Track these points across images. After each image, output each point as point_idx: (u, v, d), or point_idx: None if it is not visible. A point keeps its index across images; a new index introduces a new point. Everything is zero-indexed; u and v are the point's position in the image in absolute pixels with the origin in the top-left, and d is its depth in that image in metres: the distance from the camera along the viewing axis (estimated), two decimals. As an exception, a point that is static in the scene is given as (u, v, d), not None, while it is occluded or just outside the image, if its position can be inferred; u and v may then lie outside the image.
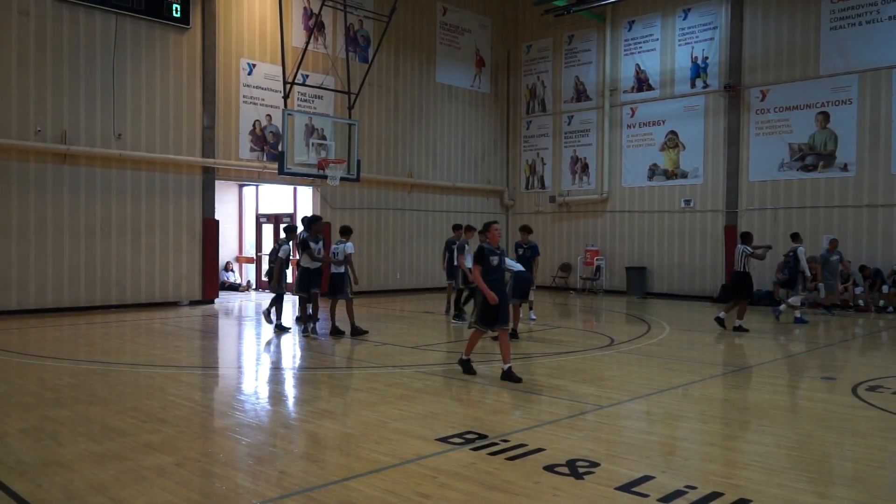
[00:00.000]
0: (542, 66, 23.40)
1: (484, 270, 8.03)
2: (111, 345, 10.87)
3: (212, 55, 16.75)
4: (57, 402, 6.94)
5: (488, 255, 8.07)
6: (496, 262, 8.11)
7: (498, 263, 8.14)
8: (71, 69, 14.69)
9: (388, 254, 20.71)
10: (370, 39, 20.07)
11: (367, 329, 11.95)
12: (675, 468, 5.09)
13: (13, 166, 14.04)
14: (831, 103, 17.39)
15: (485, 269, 8.04)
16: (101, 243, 15.20)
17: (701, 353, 10.94)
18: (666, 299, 19.50)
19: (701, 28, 19.73)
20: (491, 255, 8.08)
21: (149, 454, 5.25)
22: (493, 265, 8.08)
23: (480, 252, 8.09)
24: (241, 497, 4.44)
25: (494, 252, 8.12)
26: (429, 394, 7.46)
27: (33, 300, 14.29)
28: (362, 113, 19.39)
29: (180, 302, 16.48)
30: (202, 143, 16.74)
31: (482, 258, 8.06)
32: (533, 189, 23.68)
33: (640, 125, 20.99)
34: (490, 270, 8.06)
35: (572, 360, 9.65)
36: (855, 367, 9.76)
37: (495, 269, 8.12)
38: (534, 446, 5.48)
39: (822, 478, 4.97)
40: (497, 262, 8.10)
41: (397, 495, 4.44)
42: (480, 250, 8.10)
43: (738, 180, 18.95)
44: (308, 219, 11.89)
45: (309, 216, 12.33)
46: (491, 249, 8.14)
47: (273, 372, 9.21)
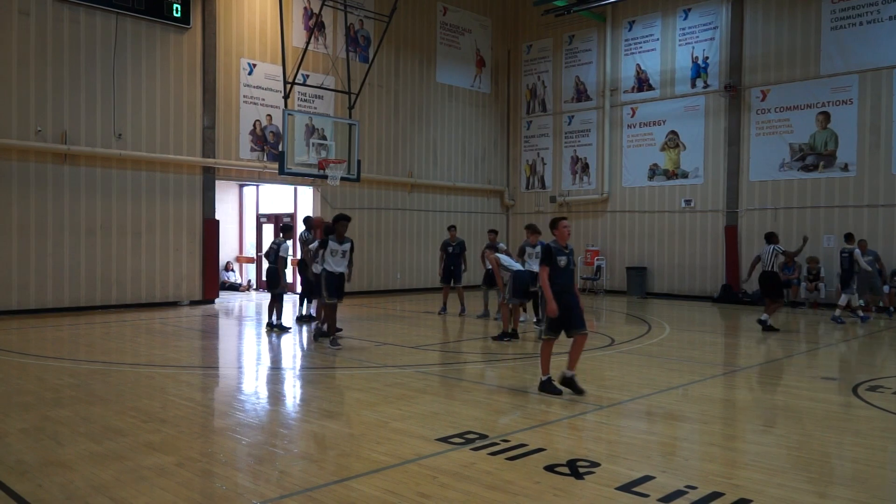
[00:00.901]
0: (542, 66, 23.40)
1: (551, 273, 7.29)
2: (111, 345, 10.87)
3: (212, 55, 16.75)
4: (57, 401, 6.94)
5: (556, 254, 7.32)
6: (564, 262, 7.36)
7: (566, 264, 7.39)
8: (71, 69, 14.69)
9: (388, 254, 20.71)
10: (370, 39, 20.07)
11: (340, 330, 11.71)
12: (676, 468, 5.09)
13: (13, 166, 14.04)
14: (832, 103, 17.38)
15: (553, 271, 7.29)
16: (102, 243, 15.20)
17: (701, 353, 10.93)
18: (666, 299, 19.50)
19: (701, 28, 19.72)
20: (559, 254, 7.34)
21: (149, 454, 5.25)
22: (561, 266, 7.33)
23: (548, 252, 7.34)
24: (241, 497, 4.44)
25: (563, 251, 7.38)
26: (429, 394, 7.46)
27: (33, 300, 14.30)
28: (363, 113, 19.39)
29: (180, 302, 16.48)
30: (202, 143, 16.75)
31: (550, 258, 7.30)
32: (533, 189, 23.68)
33: (640, 125, 20.99)
34: (559, 273, 7.32)
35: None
36: (855, 367, 9.75)
37: (564, 271, 7.37)
38: (534, 446, 5.47)
39: (823, 478, 4.97)
40: (565, 262, 7.36)
41: (397, 495, 4.43)
42: (548, 250, 7.36)
43: (739, 180, 18.95)
44: (333, 218, 10.80)
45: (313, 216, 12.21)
46: (559, 249, 7.38)
47: (273, 372, 9.21)
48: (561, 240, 7.44)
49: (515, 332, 11.38)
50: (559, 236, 7.46)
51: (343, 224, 10.52)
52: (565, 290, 7.35)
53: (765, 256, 12.93)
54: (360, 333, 12.19)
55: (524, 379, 8.56)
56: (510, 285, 11.38)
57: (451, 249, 15.21)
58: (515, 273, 11.37)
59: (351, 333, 12.16)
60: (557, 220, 7.55)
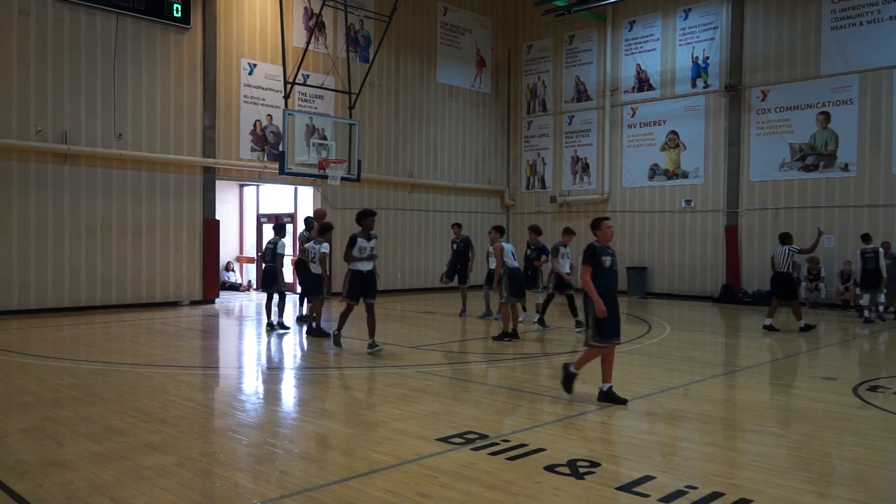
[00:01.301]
0: (542, 66, 23.39)
1: (595, 274, 7.00)
2: (111, 345, 10.87)
3: (212, 55, 16.75)
4: (57, 401, 6.94)
5: (601, 254, 7.00)
6: (609, 262, 7.05)
7: (611, 265, 7.07)
8: (71, 69, 14.69)
9: (388, 254, 20.70)
10: (371, 39, 20.07)
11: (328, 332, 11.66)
12: (676, 468, 5.09)
13: (14, 166, 14.04)
14: (832, 103, 17.38)
15: (596, 271, 7.00)
16: (102, 243, 15.20)
17: (701, 353, 10.93)
18: (667, 299, 19.50)
19: (701, 28, 19.72)
20: (604, 254, 7.02)
21: (149, 454, 5.25)
22: (606, 267, 7.02)
23: (592, 252, 7.02)
24: (241, 497, 4.44)
25: (607, 251, 7.07)
26: (429, 394, 7.46)
27: (34, 300, 14.30)
28: (363, 113, 19.39)
29: (181, 302, 16.48)
30: (203, 143, 16.74)
31: (594, 258, 6.99)
32: (533, 189, 23.67)
33: (640, 125, 20.99)
34: (603, 273, 7.02)
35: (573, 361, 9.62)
36: (855, 367, 9.75)
37: (608, 271, 7.06)
38: (534, 446, 5.47)
39: (823, 478, 4.97)
40: (610, 262, 7.04)
41: (398, 495, 4.43)
42: (592, 250, 7.03)
43: (739, 180, 18.94)
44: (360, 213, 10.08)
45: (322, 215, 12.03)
46: (603, 249, 7.07)
47: (273, 372, 9.21)
48: (603, 240, 7.13)
49: (516, 332, 11.38)
50: (602, 237, 7.15)
51: (370, 219, 9.98)
52: (611, 293, 7.05)
53: (778, 257, 12.83)
54: (360, 333, 12.18)
55: (524, 379, 8.56)
56: (506, 283, 11.37)
57: (456, 247, 15.21)
58: (511, 270, 11.36)
59: (351, 333, 12.17)
60: (600, 220, 7.25)
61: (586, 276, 7.00)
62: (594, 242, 7.12)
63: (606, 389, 7.03)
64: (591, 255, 7.02)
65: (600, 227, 7.17)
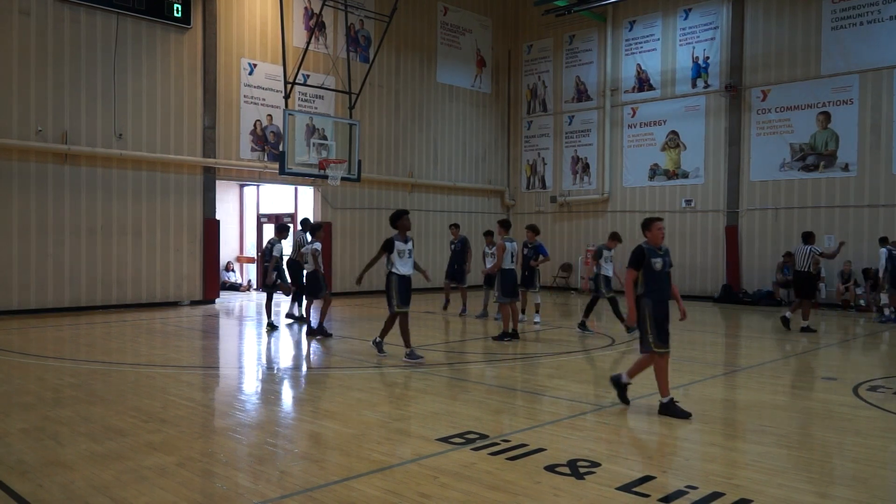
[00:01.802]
0: (542, 65, 23.39)
1: (646, 277, 6.57)
2: (112, 345, 10.87)
3: (213, 55, 16.76)
4: (58, 401, 6.94)
5: (650, 256, 6.56)
6: (660, 265, 6.58)
7: (663, 267, 6.60)
8: (72, 69, 14.69)
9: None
10: (371, 39, 20.07)
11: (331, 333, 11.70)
12: (676, 468, 5.09)
13: (14, 166, 14.05)
14: (832, 103, 17.38)
15: (647, 275, 6.56)
16: (102, 243, 15.21)
17: (702, 353, 10.93)
18: (667, 299, 19.48)
19: (702, 28, 19.72)
20: (654, 256, 6.57)
21: (150, 454, 5.25)
22: (657, 270, 6.56)
23: (639, 254, 6.57)
24: (242, 497, 4.44)
25: (657, 253, 6.60)
26: (429, 394, 7.46)
27: (34, 300, 14.30)
28: (363, 113, 19.39)
29: (181, 302, 16.49)
30: (203, 143, 16.75)
31: (640, 261, 6.55)
32: (534, 189, 23.68)
33: (640, 125, 20.99)
34: (654, 277, 6.55)
35: (573, 360, 9.64)
36: (856, 368, 9.75)
37: (660, 274, 6.58)
38: (534, 446, 5.47)
39: (823, 478, 4.97)
40: (661, 265, 6.58)
41: (398, 495, 4.44)
42: (640, 252, 6.59)
43: (739, 180, 18.95)
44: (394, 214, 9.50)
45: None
46: (653, 250, 6.61)
47: (273, 372, 9.21)
48: (654, 241, 6.66)
49: (516, 332, 11.38)
50: (652, 238, 6.67)
51: (406, 219, 9.39)
52: (663, 297, 6.59)
53: (799, 256, 12.76)
54: (360, 333, 12.19)
55: (525, 379, 8.57)
56: (499, 283, 11.33)
57: (454, 247, 15.22)
58: (504, 271, 11.33)
59: (351, 333, 12.18)
60: (651, 220, 6.75)
61: (628, 280, 6.64)
62: (643, 244, 6.69)
63: (667, 402, 6.57)
64: (638, 258, 6.59)
65: (651, 228, 6.70)
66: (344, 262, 19.54)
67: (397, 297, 9.27)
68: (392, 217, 9.47)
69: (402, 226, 9.34)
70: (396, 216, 9.41)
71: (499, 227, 12.23)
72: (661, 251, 6.66)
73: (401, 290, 9.28)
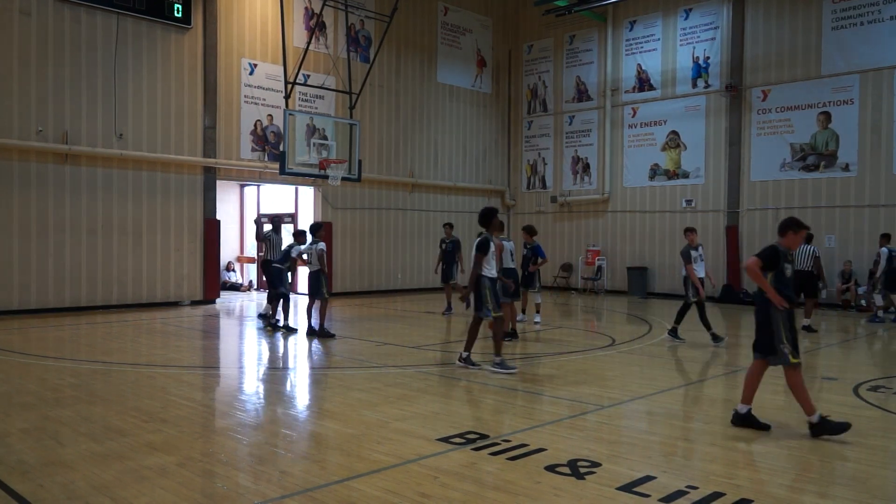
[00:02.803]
0: (543, 66, 23.40)
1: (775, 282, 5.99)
2: (112, 345, 10.88)
3: (213, 55, 16.76)
4: (58, 401, 6.94)
5: (783, 259, 6.01)
6: (790, 271, 6.06)
7: (790, 274, 6.06)
8: (72, 69, 14.70)
9: (388, 254, 20.72)
10: (371, 39, 20.08)
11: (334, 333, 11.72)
12: (677, 468, 5.09)
13: (14, 166, 14.05)
14: (832, 103, 17.38)
15: (777, 279, 5.99)
16: (103, 243, 15.21)
17: (702, 353, 10.92)
18: (667, 299, 19.48)
19: (702, 28, 19.72)
20: (786, 261, 6.03)
21: (150, 454, 5.25)
22: (787, 276, 6.02)
23: (774, 255, 6.01)
24: (242, 497, 4.45)
25: (787, 257, 6.07)
26: (430, 394, 7.46)
27: (34, 300, 14.30)
28: (363, 113, 19.39)
29: (181, 302, 16.49)
30: (203, 143, 16.75)
31: (775, 262, 5.99)
32: (534, 189, 23.68)
33: (641, 125, 20.99)
34: (784, 283, 5.99)
35: (574, 361, 9.64)
36: (856, 368, 9.75)
37: (789, 280, 6.04)
38: (535, 446, 5.48)
39: (824, 478, 4.97)
40: (791, 272, 6.07)
41: (398, 495, 4.44)
42: (775, 252, 6.02)
43: (740, 180, 18.94)
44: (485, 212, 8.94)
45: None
46: (785, 253, 6.08)
47: (274, 372, 9.21)
48: (792, 245, 6.14)
49: (515, 331, 11.37)
50: (790, 242, 6.12)
51: (497, 218, 8.88)
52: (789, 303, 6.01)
53: (800, 256, 12.77)
54: (360, 333, 12.20)
55: (525, 379, 8.56)
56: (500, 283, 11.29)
57: (445, 247, 15.21)
58: (507, 270, 11.31)
59: (352, 333, 12.18)
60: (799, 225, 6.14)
61: (767, 283, 5.96)
62: (778, 245, 6.10)
63: (745, 413, 6.15)
64: (773, 258, 5.98)
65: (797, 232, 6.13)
66: (344, 262, 19.54)
67: (492, 300, 8.60)
68: (483, 216, 8.82)
69: (494, 225, 8.79)
70: (489, 214, 8.78)
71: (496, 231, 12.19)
72: (791, 258, 6.16)
73: (494, 294, 8.66)
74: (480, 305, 8.64)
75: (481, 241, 8.62)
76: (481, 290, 8.63)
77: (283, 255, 12.42)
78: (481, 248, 8.55)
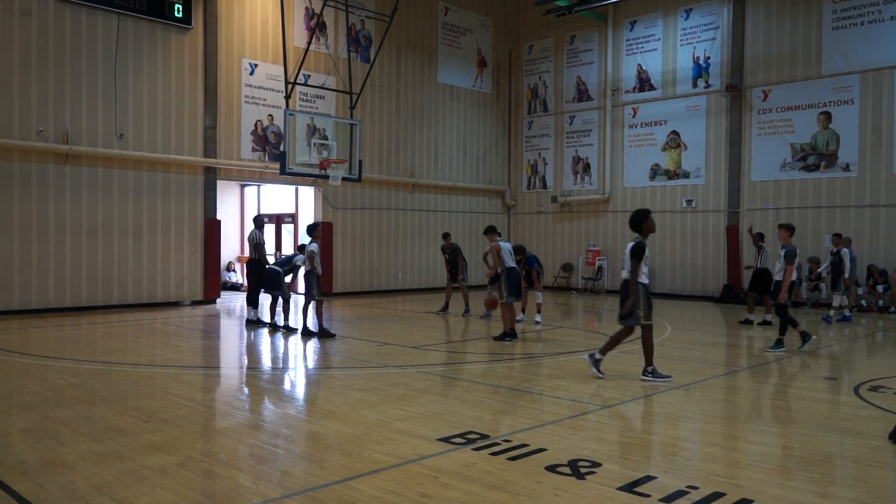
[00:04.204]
0: (543, 66, 23.39)
1: None
2: (113, 345, 10.88)
3: (213, 55, 16.76)
4: (58, 402, 6.94)
5: None
6: None
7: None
8: (73, 69, 14.70)
9: (389, 254, 20.72)
10: (371, 39, 20.08)
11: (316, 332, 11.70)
12: (677, 468, 5.09)
13: (15, 166, 14.06)
14: (833, 103, 17.37)
15: None
16: (103, 243, 15.21)
17: (703, 353, 10.92)
18: (668, 299, 19.49)
19: (702, 28, 19.72)
20: None
21: (150, 454, 5.25)
22: None
23: None
24: (242, 497, 4.45)
25: None
26: (430, 394, 7.46)
27: (35, 300, 14.31)
28: (364, 113, 19.39)
29: (182, 302, 16.49)
30: (204, 143, 16.76)
31: None
32: (534, 189, 23.68)
33: (641, 125, 20.98)
34: None
35: (574, 361, 9.64)
36: (857, 368, 9.74)
37: None
38: (535, 446, 5.47)
39: (824, 478, 4.97)
40: None
41: (399, 495, 4.44)
42: None
43: (740, 180, 18.94)
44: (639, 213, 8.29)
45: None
46: None
47: (274, 372, 9.21)
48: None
49: (514, 331, 11.38)
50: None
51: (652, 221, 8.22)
52: None
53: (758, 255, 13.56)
54: (361, 333, 12.20)
55: (525, 379, 8.56)
56: (505, 283, 11.31)
57: (448, 256, 15.28)
58: (509, 269, 11.33)
59: (352, 333, 12.18)
60: None
61: None
62: None
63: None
64: None
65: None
66: (345, 263, 19.54)
67: (644, 307, 8.07)
68: (635, 218, 8.19)
69: (648, 227, 8.12)
70: (642, 216, 8.14)
71: (488, 235, 12.25)
72: None
73: (648, 300, 8.15)
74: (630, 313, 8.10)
75: (637, 246, 8.00)
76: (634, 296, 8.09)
77: (286, 261, 12.60)
78: (638, 254, 7.96)
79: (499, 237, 12.00)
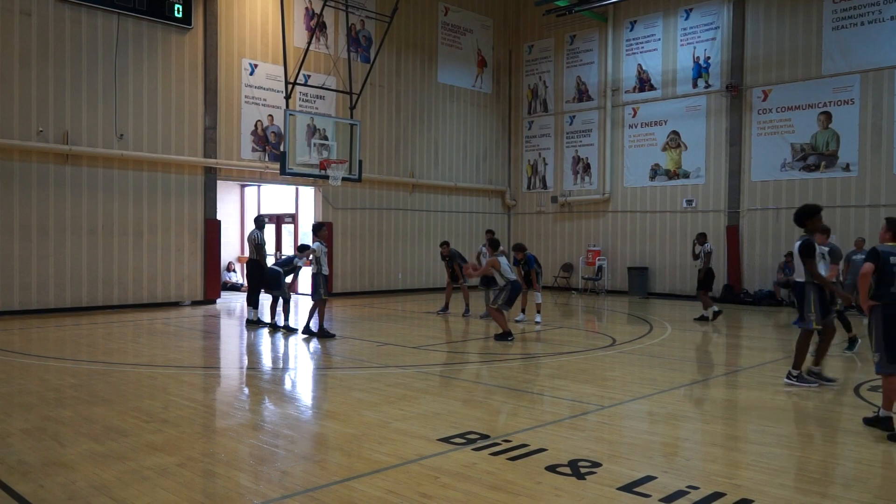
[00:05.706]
0: (543, 66, 23.39)
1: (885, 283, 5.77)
2: (113, 345, 10.88)
3: (213, 55, 16.76)
4: (59, 402, 6.95)
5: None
6: None
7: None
8: (73, 69, 14.70)
9: (389, 254, 20.72)
10: (372, 40, 20.08)
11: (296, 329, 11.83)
12: (677, 468, 5.09)
13: (15, 166, 14.06)
14: (833, 103, 17.37)
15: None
16: (103, 243, 15.21)
17: (703, 353, 10.93)
18: (668, 299, 19.49)
19: (703, 28, 19.71)
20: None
21: (151, 454, 5.25)
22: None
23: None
24: (243, 497, 4.45)
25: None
26: (430, 394, 7.46)
27: (35, 300, 14.31)
28: (364, 113, 19.40)
29: (182, 302, 16.49)
30: (204, 144, 16.76)
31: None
32: (535, 189, 23.67)
33: (641, 125, 20.98)
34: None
35: (574, 361, 9.64)
36: (856, 368, 9.74)
37: None
38: (536, 446, 5.47)
39: (824, 478, 4.97)
40: None
41: (399, 495, 4.44)
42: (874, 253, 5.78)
43: (740, 180, 18.94)
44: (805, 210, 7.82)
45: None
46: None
47: (274, 372, 9.21)
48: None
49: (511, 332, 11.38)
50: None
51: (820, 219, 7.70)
52: None
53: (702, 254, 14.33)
54: (361, 333, 12.20)
55: (525, 379, 8.56)
56: (506, 295, 11.23)
57: (446, 261, 15.27)
58: (513, 283, 11.30)
59: (352, 333, 12.18)
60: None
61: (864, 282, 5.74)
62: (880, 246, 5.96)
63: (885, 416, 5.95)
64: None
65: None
66: (345, 263, 19.54)
67: (818, 309, 7.57)
68: (802, 214, 7.60)
69: (816, 224, 7.57)
70: (808, 212, 7.54)
71: (489, 248, 12.30)
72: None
73: (822, 302, 7.57)
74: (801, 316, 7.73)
75: (805, 243, 7.46)
76: (806, 298, 7.64)
77: (286, 261, 12.65)
78: (809, 252, 7.40)
79: (501, 252, 11.88)
